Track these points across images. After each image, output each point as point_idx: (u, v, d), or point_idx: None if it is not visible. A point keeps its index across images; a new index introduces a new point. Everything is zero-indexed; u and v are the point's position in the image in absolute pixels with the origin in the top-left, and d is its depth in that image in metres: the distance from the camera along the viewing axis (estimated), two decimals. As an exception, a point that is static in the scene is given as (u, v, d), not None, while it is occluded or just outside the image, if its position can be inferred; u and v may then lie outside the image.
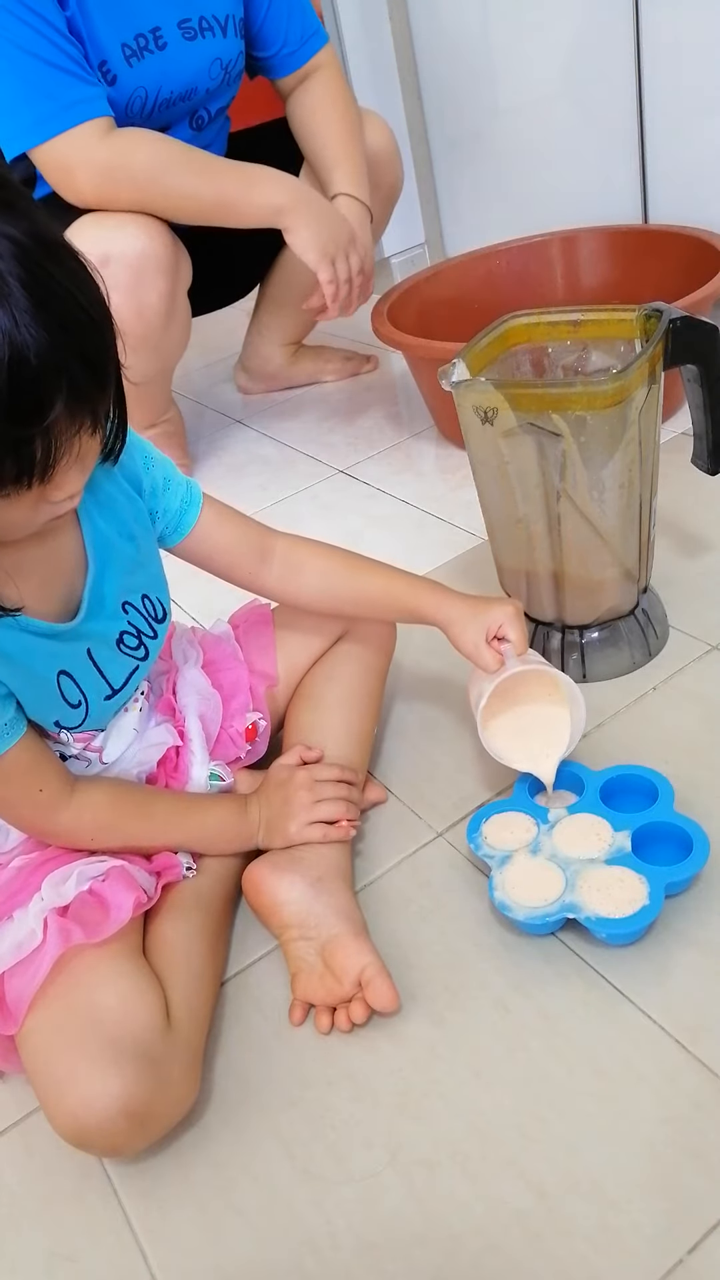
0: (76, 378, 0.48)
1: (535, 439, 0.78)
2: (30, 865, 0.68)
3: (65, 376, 0.48)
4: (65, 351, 0.47)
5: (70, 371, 0.48)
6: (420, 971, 0.69)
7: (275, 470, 1.47)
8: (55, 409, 0.48)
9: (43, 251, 0.47)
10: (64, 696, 0.66)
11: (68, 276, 0.48)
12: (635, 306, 0.83)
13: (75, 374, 0.48)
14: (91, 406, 0.51)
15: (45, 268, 0.46)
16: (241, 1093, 0.65)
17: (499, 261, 1.51)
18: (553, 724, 0.77)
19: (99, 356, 0.50)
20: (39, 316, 0.45)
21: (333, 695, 0.83)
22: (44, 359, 0.46)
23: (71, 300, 0.48)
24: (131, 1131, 0.58)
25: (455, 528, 1.21)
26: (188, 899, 0.72)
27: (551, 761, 0.76)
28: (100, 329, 0.50)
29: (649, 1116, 0.59)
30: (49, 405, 0.48)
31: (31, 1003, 0.61)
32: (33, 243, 0.46)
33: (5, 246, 0.45)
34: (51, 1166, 0.63)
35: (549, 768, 0.76)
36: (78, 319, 0.48)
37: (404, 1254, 0.56)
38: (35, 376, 0.46)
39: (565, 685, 0.74)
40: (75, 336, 0.48)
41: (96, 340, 0.50)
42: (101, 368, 0.50)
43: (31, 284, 0.45)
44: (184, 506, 0.72)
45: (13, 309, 0.45)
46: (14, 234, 0.45)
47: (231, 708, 0.80)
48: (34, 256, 0.46)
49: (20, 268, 0.45)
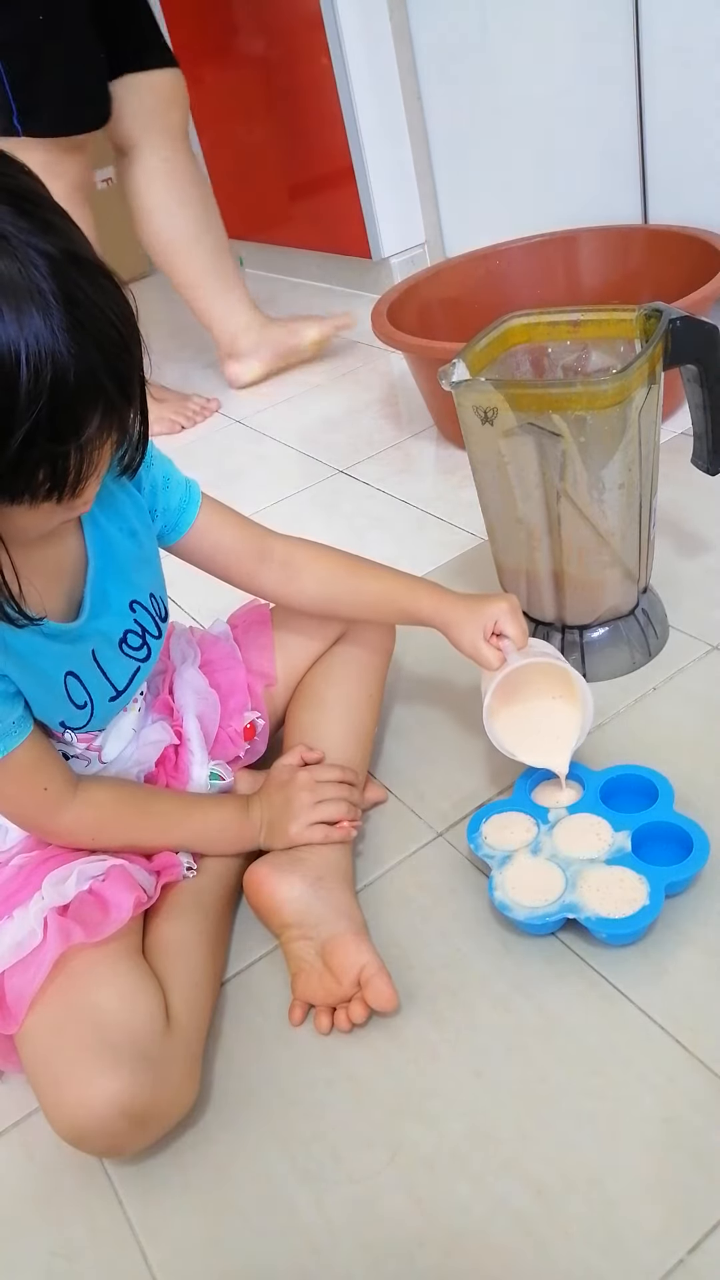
0: (110, 394, 0.49)
1: (535, 439, 0.78)
2: (31, 864, 0.68)
3: (100, 393, 0.48)
4: (100, 369, 0.48)
5: (104, 389, 0.48)
6: (420, 971, 0.69)
7: (275, 470, 1.47)
8: (91, 425, 0.49)
9: (78, 269, 0.47)
10: (70, 697, 0.66)
11: (101, 294, 0.48)
12: (635, 306, 0.83)
13: (109, 391, 0.49)
14: (120, 421, 0.52)
15: (81, 286, 0.47)
16: (241, 1093, 0.65)
17: (499, 262, 1.52)
18: (560, 716, 0.76)
19: (129, 373, 0.51)
20: (76, 335, 0.46)
21: (332, 696, 0.83)
22: (82, 377, 0.47)
23: (105, 318, 0.48)
24: (131, 1132, 0.58)
25: (455, 528, 1.21)
26: (187, 899, 0.72)
27: (564, 754, 0.75)
28: (130, 346, 0.50)
29: (649, 1116, 0.59)
30: (85, 422, 0.48)
31: (31, 1002, 0.61)
32: (69, 261, 0.46)
33: (44, 264, 0.45)
34: (51, 1167, 0.63)
35: (562, 760, 0.76)
36: (111, 336, 0.48)
37: (404, 1254, 0.55)
38: (74, 394, 0.47)
39: (568, 673, 0.74)
40: (109, 354, 0.48)
41: (127, 357, 0.50)
42: (130, 384, 0.51)
43: (69, 302, 0.46)
44: (183, 505, 0.72)
45: (54, 328, 0.45)
46: (52, 251, 0.45)
47: (229, 707, 0.80)
48: (70, 274, 0.46)
49: (59, 285, 0.45)
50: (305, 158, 2.04)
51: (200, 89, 2.22)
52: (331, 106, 1.86)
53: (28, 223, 0.45)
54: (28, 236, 0.45)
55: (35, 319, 0.44)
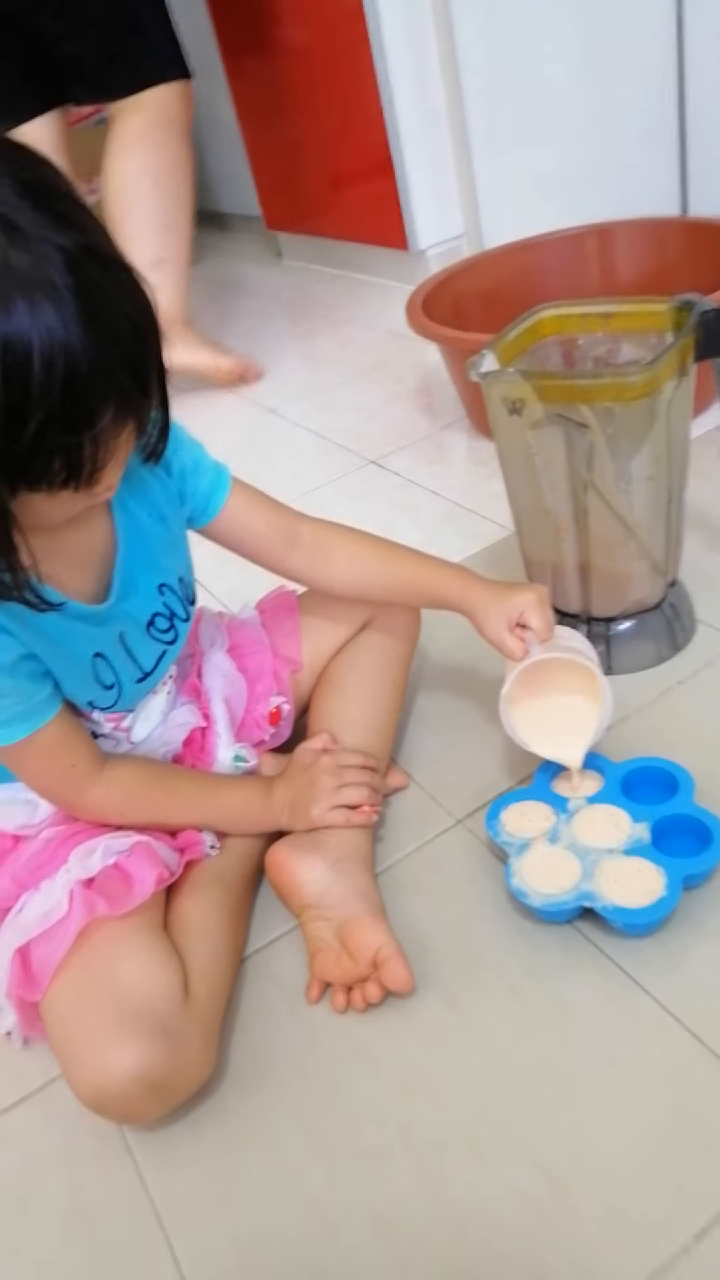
0: (124, 386, 0.50)
1: (563, 430, 0.78)
2: (58, 838, 0.70)
3: (114, 385, 0.49)
4: (114, 362, 0.48)
5: (118, 381, 0.49)
6: (436, 955, 0.70)
7: (307, 459, 1.48)
8: (104, 417, 0.50)
9: (95, 263, 0.48)
10: (98, 678, 0.68)
11: (117, 288, 0.49)
12: (667, 299, 0.83)
13: (123, 383, 0.50)
14: (136, 412, 0.53)
15: (96, 280, 0.47)
16: (257, 1067, 0.66)
17: (534, 253, 1.51)
18: (579, 711, 0.77)
19: (145, 365, 0.52)
20: (90, 328, 0.47)
21: (357, 682, 0.84)
22: (95, 369, 0.47)
23: (120, 311, 0.49)
24: (148, 1099, 0.60)
25: (485, 519, 1.21)
26: (209, 876, 0.73)
27: (578, 749, 0.76)
28: (146, 339, 0.51)
29: (659, 1105, 0.59)
30: (99, 413, 0.49)
31: (55, 971, 0.63)
32: (85, 255, 0.47)
33: (59, 257, 0.46)
34: (72, 1131, 0.65)
35: (576, 755, 0.76)
36: (126, 330, 0.49)
37: (411, 1229, 0.56)
38: (86, 385, 0.48)
39: (590, 669, 0.74)
40: (123, 347, 0.49)
41: (143, 350, 0.51)
42: (147, 376, 0.52)
43: (83, 295, 0.47)
44: (213, 489, 0.73)
45: (66, 320, 0.46)
46: (68, 245, 0.46)
47: (256, 691, 0.82)
48: (86, 269, 0.47)
49: (73, 279, 0.46)
50: (344, 149, 2.04)
51: (243, 82, 2.24)
52: (371, 98, 1.86)
53: (44, 216, 0.46)
54: (43, 230, 0.46)
55: (48, 311, 0.45)
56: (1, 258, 0.45)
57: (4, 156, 0.48)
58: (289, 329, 2.07)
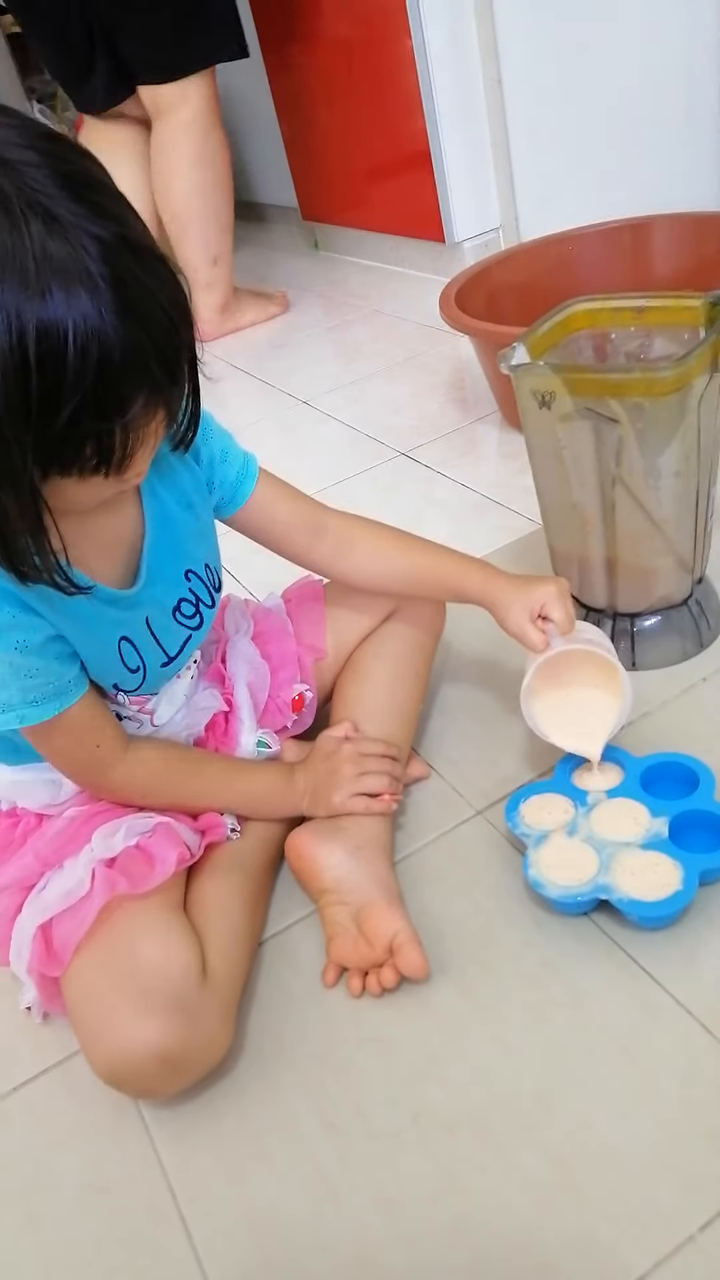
0: (156, 375, 0.51)
1: (592, 424, 0.78)
2: (82, 817, 0.71)
3: (146, 374, 0.50)
4: (147, 350, 0.49)
5: (150, 369, 0.50)
6: (452, 943, 0.71)
7: (337, 451, 1.49)
8: (136, 404, 0.51)
9: (130, 254, 0.49)
10: (124, 661, 0.69)
11: (151, 278, 0.50)
12: (701, 294, 0.82)
13: (155, 371, 0.50)
14: (167, 401, 0.54)
15: (131, 270, 0.48)
16: (273, 1047, 0.67)
17: (571, 247, 1.50)
18: (599, 704, 0.77)
19: (176, 355, 0.52)
20: (124, 316, 0.47)
21: (380, 671, 0.84)
22: (128, 357, 0.48)
23: (154, 301, 0.50)
24: (164, 1075, 0.61)
25: (514, 513, 1.21)
26: (230, 859, 0.74)
27: (597, 742, 0.76)
28: (178, 329, 0.52)
29: (669, 1097, 0.59)
30: (130, 401, 0.50)
31: (76, 948, 0.64)
32: (121, 245, 0.48)
33: (95, 247, 0.47)
34: (89, 1104, 0.67)
35: (595, 747, 0.76)
36: (159, 319, 0.50)
37: (420, 1210, 0.57)
38: (119, 373, 0.48)
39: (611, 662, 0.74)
40: (156, 336, 0.50)
41: (175, 340, 0.52)
42: (178, 365, 0.53)
43: (118, 285, 0.47)
44: (240, 478, 0.74)
45: (101, 308, 0.47)
46: (103, 235, 0.47)
47: (279, 678, 0.82)
48: (122, 259, 0.48)
49: (109, 269, 0.47)
50: (382, 140, 2.04)
51: (284, 74, 2.24)
52: (411, 89, 1.86)
53: (82, 206, 0.47)
54: (80, 220, 0.47)
55: (83, 299, 0.46)
56: (40, 246, 0.46)
57: (45, 148, 0.49)
58: (323, 319, 2.08)
